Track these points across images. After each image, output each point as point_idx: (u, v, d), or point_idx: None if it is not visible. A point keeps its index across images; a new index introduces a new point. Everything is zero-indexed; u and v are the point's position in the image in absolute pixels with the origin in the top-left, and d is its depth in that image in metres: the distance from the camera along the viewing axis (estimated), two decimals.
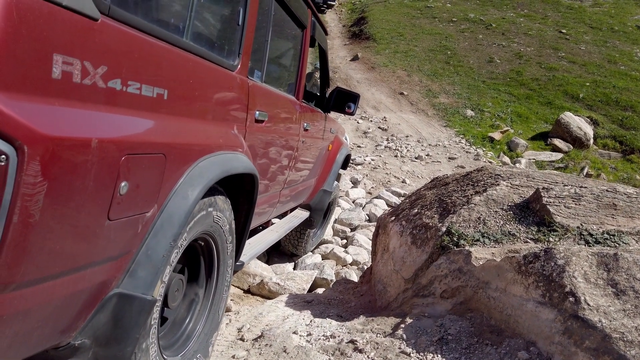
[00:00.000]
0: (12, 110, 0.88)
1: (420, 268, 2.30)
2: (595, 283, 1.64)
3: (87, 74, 1.07)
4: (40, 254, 1.03)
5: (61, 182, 1.02)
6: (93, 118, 1.11)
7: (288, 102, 2.78)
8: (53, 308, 1.16)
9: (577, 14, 17.97)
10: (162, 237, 1.43)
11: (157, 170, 1.37)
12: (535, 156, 10.47)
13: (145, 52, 1.29)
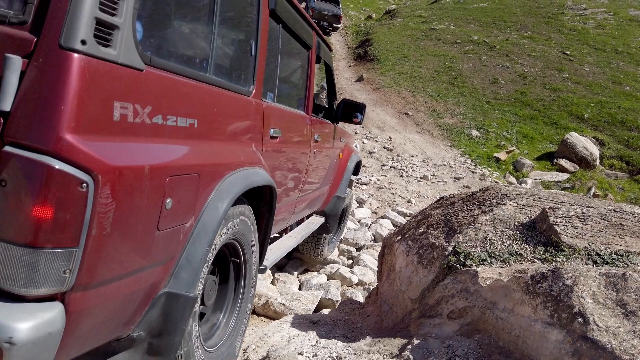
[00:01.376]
0: (88, 148, 1.15)
1: (427, 288, 2.28)
2: (604, 303, 1.62)
3: (137, 114, 1.33)
4: (110, 260, 1.27)
5: (124, 201, 1.27)
6: (144, 149, 1.36)
7: (298, 117, 3.02)
8: (119, 304, 1.40)
9: (581, 35, 18.12)
10: (199, 244, 1.67)
11: (193, 188, 1.62)
12: (542, 176, 10.44)
13: (178, 90, 1.54)
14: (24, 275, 1.11)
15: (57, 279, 1.15)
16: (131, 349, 1.55)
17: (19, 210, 1.09)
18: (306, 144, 3.12)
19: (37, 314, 1.13)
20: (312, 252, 4.45)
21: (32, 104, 1.12)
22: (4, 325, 1.07)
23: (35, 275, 1.12)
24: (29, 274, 1.11)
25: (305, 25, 3.05)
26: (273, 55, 2.52)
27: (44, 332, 1.13)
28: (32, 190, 1.09)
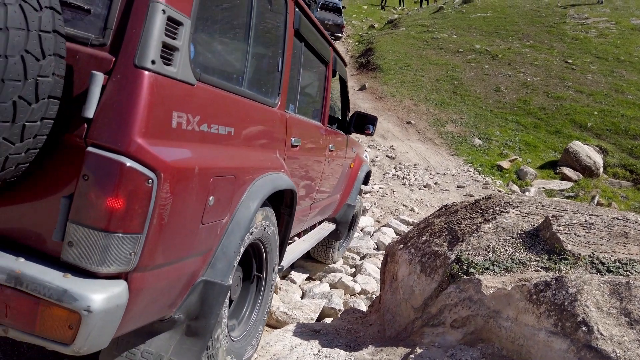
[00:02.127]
0: (154, 150, 1.36)
1: (430, 297, 2.27)
2: (608, 312, 1.61)
3: (189, 123, 1.54)
4: (164, 246, 1.47)
5: (179, 196, 1.47)
6: (194, 152, 1.56)
7: (316, 127, 3.23)
8: (167, 287, 1.59)
9: (583, 44, 18.16)
10: (233, 238, 1.87)
11: (230, 188, 1.83)
12: (545, 185, 10.41)
13: (219, 102, 1.76)
14: (99, 255, 1.30)
15: (124, 259, 1.34)
16: (172, 330, 1.74)
17: (97, 201, 1.29)
18: (322, 152, 3.32)
19: (108, 288, 1.32)
20: (322, 256, 4.66)
21: (110, 112, 1.32)
22: (83, 296, 1.26)
23: (107, 255, 1.31)
24: (102, 254, 1.31)
25: (324, 42, 3.28)
26: (296, 70, 2.75)
27: (113, 304, 1.32)
28: (109, 183, 1.28)
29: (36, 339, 1.30)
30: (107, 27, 1.38)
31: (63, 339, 1.29)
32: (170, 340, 1.74)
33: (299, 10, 2.60)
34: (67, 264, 1.32)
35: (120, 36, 1.37)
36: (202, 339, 1.77)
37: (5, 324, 1.30)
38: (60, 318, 1.28)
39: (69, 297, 1.26)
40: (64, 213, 1.31)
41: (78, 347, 1.29)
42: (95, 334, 1.30)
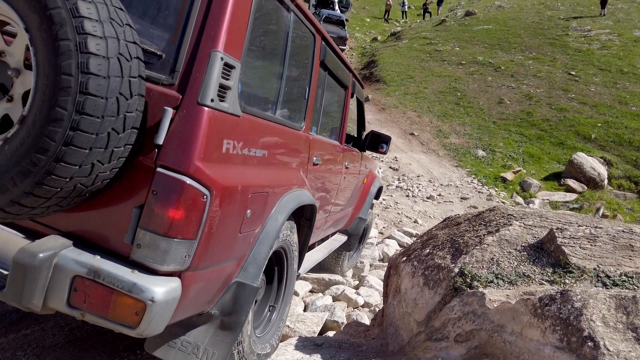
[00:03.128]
0: (208, 171, 1.62)
1: (433, 310, 2.25)
2: (614, 327, 1.58)
3: (235, 148, 1.81)
4: (211, 251, 1.72)
5: (225, 210, 1.73)
6: (237, 172, 1.82)
7: (334, 147, 3.47)
8: (209, 285, 1.84)
9: (586, 56, 18.19)
10: (263, 246, 2.11)
11: (263, 203, 2.07)
12: (549, 197, 10.36)
13: (257, 129, 2.01)
14: (161, 256, 1.56)
15: (180, 260, 1.60)
16: (208, 324, 1.99)
17: (163, 211, 1.55)
18: (338, 170, 3.56)
19: (167, 284, 1.57)
20: (333, 266, 4.88)
21: (176, 140, 1.59)
22: (149, 288, 1.51)
23: (167, 256, 1.57)
24: (163, 256, 1.56)
25: (345, 70, 3.57)
26: (319, 95, 3.00)
27: (170, 297, 1.57)
28: (173, 198, 1.55)
29: (108, 322, 1.54)
30: (175, 70, 1.66)
31: (130, 324, 1.53)
32: (206, 333, 1.99)
33: (324, 43, 2.87)
34: (134, 262, 1.58)
35: (186, 78, 1.64)
36: (234, 332, 2.02)
37: (83, 309, 1.54)
38: (129, 306, 1.53)
39: (138, 289, 1.51)
40: (135, 220, 1.58)
41: (141, 331, 1.54)
42: (155, 321, 1.55)
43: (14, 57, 1.53)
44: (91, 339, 2.64)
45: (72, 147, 1.39)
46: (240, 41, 1.78)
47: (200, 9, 1.68)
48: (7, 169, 1.41)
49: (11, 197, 1.43)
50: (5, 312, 3.02)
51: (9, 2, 1.43)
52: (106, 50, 1.41)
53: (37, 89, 1.41)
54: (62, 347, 2.54)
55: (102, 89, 1.40)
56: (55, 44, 1.37)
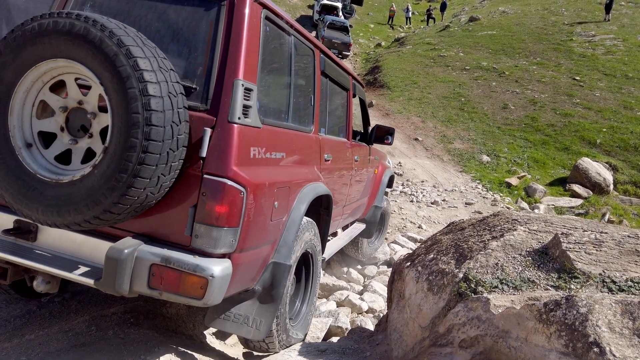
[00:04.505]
0: (242, 174, 2.07)
1: (438, 316, 2.23)
2: (620, 333, 1.57)
3: (259, 153, 2.25)
4: (251, 236, 2.16)
5: (258, 202, 2.18)
6: (264, 172, 2.26)
7: (342, 143, 3.88)
8: (252, 265, 2.30)
9: (590, 61, 18.14)
10: (290, 231, 2.57)
11: (287, 195, 2.51)
12: (554, 202, 10.30)
13: (274, 135, 2.45)
14: (214, 242, 2.01)
15: (229, 244, 2.05)
16: (252, 299, 2.46)
17: (212, 208, 1.99)
18: (349, 163, 3.96)
19: (221, 263, 2.02)
20: (353, 252, 5.40)
21: (216, 152, 2.04)
22: (209, 268, 1.96)
23: (219, 242, 2.02)
24: (216, 242, 2.01)
25: (344, 74, 4.00)
26: (324, 100, 3.40)
27: (225, 273, 2.02)
28: (218, 197, 2.00)
29: (179, 297, 1.99)
30: (208, 98, 2.11)
31: (197, 296, 1.97)
32: (253, 305, 2.46)
33: (323, 55, 3.32)
34: (194, 249, 2.02)
35: (216, 103, 2.09)
36: (275, 304, 2.50)
37: (160, 289, 1.98)
38: (195, 283, 1.96)
39: (200, 268, 1.95)
40: (191, 217, 2.02)
41: (206, 301, 1.98)
42: (215, 292, 2.00)
43: (90, 104, 2.00)
44: (95, 344, 2.64)
45: (145, 165, 1.85)
46: (254, 68, 2.23)
47: (222, 48, 2.14)
48: (99, 187, 1.87)
49: (104, 207, 1.88)
50: (9, 318, 3.03)
51: (86, 64, 1.88)
52: (160, 91, 1.86)
53: (113, 126, 1.87)
54: (65, 352, 2.54)
55: (160, 120, 1.85)
56: (125, 92, 1.83)
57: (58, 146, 2.06)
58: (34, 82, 2.01)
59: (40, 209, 1.95)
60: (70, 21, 1.86)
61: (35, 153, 2.04)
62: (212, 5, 2.20)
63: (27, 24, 1.91)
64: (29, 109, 2.04)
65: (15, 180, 1.98)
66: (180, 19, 2.24)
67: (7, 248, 2.15)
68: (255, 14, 2.26)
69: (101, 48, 1.83)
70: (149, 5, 2.26)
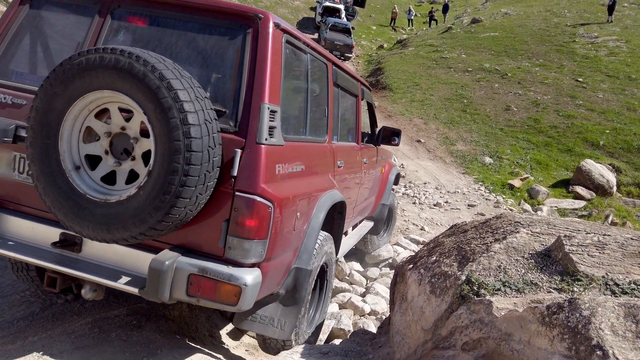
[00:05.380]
0: (270, 190, 2.24)
1: (440, 318, 2.23)
2: (623, 336, 1.56)
3: (283, 168, 2.41)
4: (277, 245, 2.34)
5: (283, 215, 2.34)
6: (287, 186, 2.43)
7: (352, 148, 4.04)
8: (277, 271, 2.47)
9: (593, 63, 18.11)
10: (311, 238, 2.74)
11: (307, 205, 2.67)
12: (557, 204, 10.28)
13: (295, 150, 2.61)
14: (245, 253, 2.19)
15: (258, 255, 2.23)
16: (277, 301, 2.67)
17: (243, 222, 2.17)
18: (359, 166, 4.13)
19: (253, 272, 2.21)
20: (363, 246, 5.64)
21: (246, 171, 2.20)
22: (242, 277, 2.15)
23: (250, 253, 2.20)
24: (247, 252, 2.19)
25: (353, 81, 4.14)
26: (336, 110, 3.54)
27: (256, 282, 2.20)
28: (248, 212, 2.17)
29: (215, 303, 2.19)
30: (237, 121, 2.27)
31: (231, 303, 2.16)
32: (277, 307, 2.67)
33: (335, 67, 3.45)
34: (227, 260, 2.20)
35: (245, 125, 2.26)
36: (298, 306, 2.71)
37: (198, 296, 2.16)
38: (230, 291, 2.14)
39: (234, 278, 2.14)
40: (224, 230, 2.20)
41: (239, 307, 2.18)
42: (248, 299, 2.18)
43: (132, 130, 2.17)
44: (98, 346, 2.64)
45: (185, 186, 2.02)
46: (277, 90, 2.38)
47: (248, 73, 2.30)
48: (145, 207, 2.05)
49: (149, 225, 2.06)
50: (12, 320, 3.04)
51: (130, 95, 2.05)
52: (198, 119, 2.03)
53: (157, 152, 2.05)
54: (68, 354, 2.54)
55: (199, 146, 2.02)
56: (168, 121, 2.00)
57: (103, 168, 2.23)
58: (82, 110, 2.17)
59: (91, 227, 2.12)
60: (116, 57, 2.02)
61: (83, 175, 2.21)
62: (238, 33, 2.37)
63: (75, 58, 2.07)
64: (76, 134, 2.20)
65: (67, 201, 2.14)
66: (209, 46, 2.41)
67: (55, 259, 2.33)
68: (278, 39, 2.42)
69: (145, 82, 2.00)
70: (179, 34, 2.44)
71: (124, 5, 2.50)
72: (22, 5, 2.61)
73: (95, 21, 2.50)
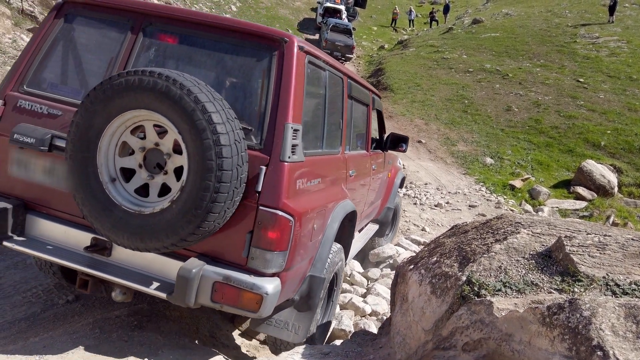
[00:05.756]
0: (291, 204, 2.37)
1: (441, 319, 2.23)
2: (624, 336, 1.56)
3: (303, 183, 2.54)
4: (296, 256, 2.47)
5: (302, 227, 2.47)
6: (307, 200, 2.56)
7: (363, 156, 4.12)
8: (294, 279, 2.60)
9: (594, 63, 18.09)
10: (325, 247, 2.86)
11: (322, 217, 2.79)
12: (559, 204, 10.27)
13: (314, 164, 2.74)
14: (267, 263, 2.32)
15: (279, 265, 2.36)
16: (292, 307, 2.81)
17: (266, 234, 2.30)
18: (368, 173, 4.22)
19: (273, 282, 2.34)
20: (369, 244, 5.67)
21: (269, 187, 2.33)
22: (264, 286, 2.29)
23: (271, 263, 2.33)
24: (268, 263, 2.32)
25: (365, 91, 4.23)
26: (349, 121, 3.64)
27: (276, 290, 2.34)
28: (271, 225, 2.30)
29: (237, 309, 2.32)
30: (262, 138, 2.39)
31: (253, 310, 2.30)
32: (292, 312, 2.81)
33: (349, 80, 3.57)
34: (249, 269, 2.33)
35: (269, 143, 2.38)
36: (311, 311, 2.85)
37: (222, 302, 2.29)
38: (252, 298, 2.28)
39: (257, 287, 2.28)
40: (248, 241, 2.33)
41: (260, 314, 2.31)
42: (268, 306, 2.32)
43: (166, 146, 2.29)
44: (99, 346, 2.65)
45: (216, 202, 2.15)
46: (300, 110, 2.51)
47: (273, 93, 2.43)
48: (177, 220, 2.18)
49: (181, 237, 2.20)
50: (14, 320, 3.04)
51: (165, 115, 2.17)
52: (229, 140, 2.15)
53: (190, 169, 2.18)
54: (70, 354, 2.55)
55: (229, 165, 2.14)
56: (201, 142, 2.13)
57: (137, 180, 2.35)
58: (119, 126, 2.30)
59: (125, 236, 2.25)
60: (154, 79, 2.14)
61: (118, 187, 2.33)
62: (265, 55, 2.50)
63: (115, 79, 2.20)
64: (113, 148, 2.33)
65: (103, 211, 2.27)
66: (236, 66, 2.57)
67: (87, 262, 2.46)
68: (301, 61, 2.56)
69: (181, 104, 2.12)
70: (208, 53, 2.59)
71: (155, 23, 2.61)
72: (57, 19, 2.72)
73: (128, 37, 2.61)
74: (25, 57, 2.69)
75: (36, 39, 2.70)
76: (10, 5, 9.08)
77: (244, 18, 23.72)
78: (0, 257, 3.72)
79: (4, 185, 2.61)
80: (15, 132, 2.46)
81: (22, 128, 2.47)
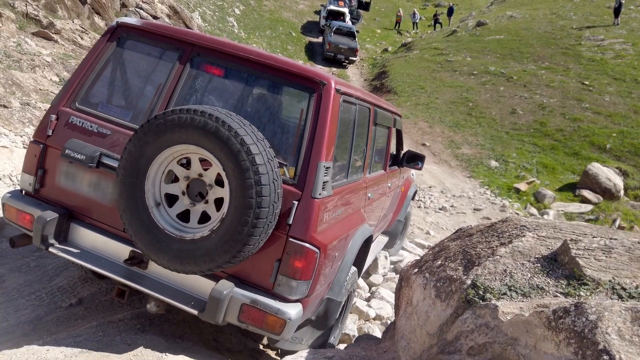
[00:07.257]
0: (318, 237, 2.53)
1: (445, 323, 2.21)
2: (630, 340, 1.54)
3: (329, 216, 2.67)
4: (317, 283, 2.61)
5: (326, 259, 2.61)
6: (331, 232, 2.70)
7: (381, 176, 4.14)
8: (314, 303, 2.76)
9: (600, 66, 18.01)
10: (343, 273, 2.98)
11: (343, 245, 2.90)
12: (564, 208, 10.21)
13: (340, 195, 2.84)
14: (292, 290, 2.48)
15: (302, 293, 2.52)
16: (308, 325, 2.97)
17: (293, 264, 2.46)
18: (384, 192, 4.26)
19: (296, 308, 2.49)
20: None
21: (300, 221, 2.47)
22: (287, 312, 2.44)
23: (296, 291, 2.48)
24: (294, 290, 2.48)
25: (388, 114, 4.29)
26: (373, 146, 3.72)
27: (298, 316, 2.49)
28: (299, 256, 2.46)
29: (262, 331, 2.46)
30: (296, 174, 2.53)
31: (276, 332, 2.45)
32: (308, 331, 2.99)
33: (376, 108, 3.67)
34: (275, 294, 2.48)
35: (302, 179, 2.51)
36: (326, 331, 3.05)
37: (248, 323, 2.45)
38: (276, 322, 2.43)
39: (281, 312, 2.43)
40: (276, 269, 2.48)
41: (282, 336, 2.49)
42: (290, 330, 2.48)
43: (209, 178, 2.42)
44: (102, 350, 2.64)
45: (252, 236, 2.30)
46: (332, 148, 2.63)
47: (309, 132, 2.56)
48: (215, 248, 2.34)
49: (217, 264, 2.37)
50: (18, 324, 3.05)
51: (212, 152, 2.31)
52: (268, 180, 2.28)
53: (230, 203, 2.32)
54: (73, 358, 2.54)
55: (267, 203, 2.29)
56: (244, 181, 2.27)
57: (179, 206, 2.49)
58: (167, 157, 2.44)
59: (166, 258, 2.40)
60: (204, 119, 2.29)
61: (162, 211, 2.48)
62: (304, 95, 2.64)
63: (168, 114, 2.34)
64: (159, 176, 2.48)
65: (147, 233, 2.42)
66: (275, 102, 2.72)
67: (125, 273, 2.61)
68: (337, 102, 2.68)
69: (228, 144, 2.27)
70: (250, 88, 2.75)
71: (203, 54, 2.75)
72: (110, 42, 2.86)
73: (176, 66, 2.75)
74: (78, 76, 2.83)
75: (89, 59, 2.84)
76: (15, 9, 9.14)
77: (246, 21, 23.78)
78: (4, 260, 3.72)
79: (51, 194, 2.79)
80: (67, 147, 2.63)
81: (73, 144, 2.64)
